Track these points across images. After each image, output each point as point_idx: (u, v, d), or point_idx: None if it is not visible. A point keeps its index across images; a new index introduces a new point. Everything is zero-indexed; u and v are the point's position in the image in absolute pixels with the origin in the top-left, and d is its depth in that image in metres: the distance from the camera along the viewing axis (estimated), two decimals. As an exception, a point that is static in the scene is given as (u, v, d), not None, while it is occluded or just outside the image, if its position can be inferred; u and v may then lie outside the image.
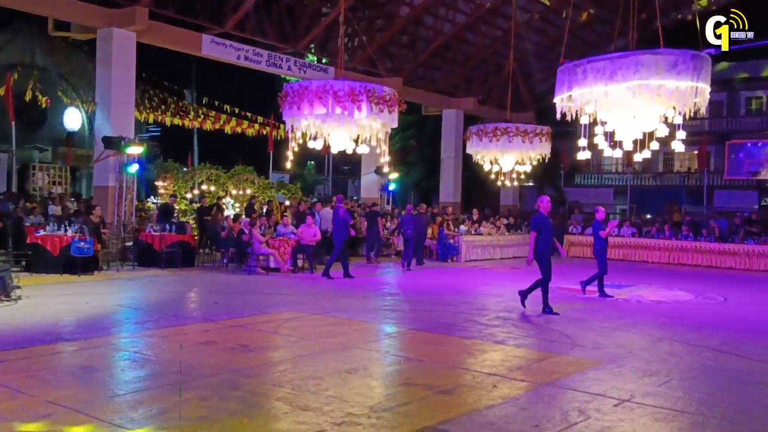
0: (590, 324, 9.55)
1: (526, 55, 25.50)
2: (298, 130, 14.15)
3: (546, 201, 10.59)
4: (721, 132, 34.70)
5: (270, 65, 19.19)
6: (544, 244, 10.21)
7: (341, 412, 5.17)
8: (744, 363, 7.39)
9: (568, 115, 12.39)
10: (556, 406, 5.55)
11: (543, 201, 10.59)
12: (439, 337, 8.45)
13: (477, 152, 19.42)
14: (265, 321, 9.14)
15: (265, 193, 20.68)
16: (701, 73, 11.18)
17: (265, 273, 14.68)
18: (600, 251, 12.25)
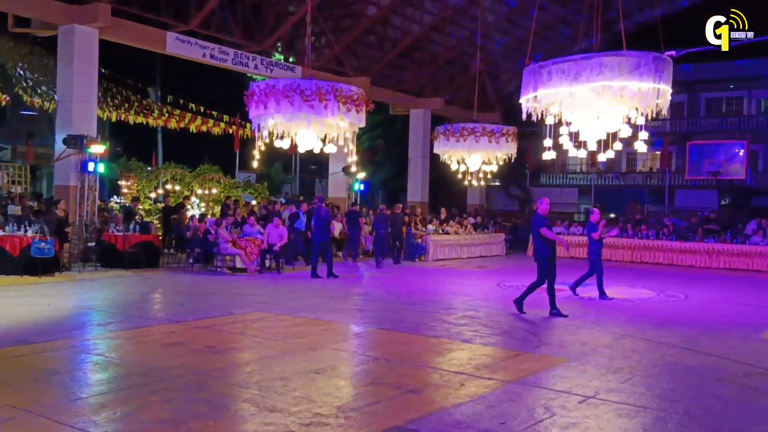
0: (556, 322, 9.66)
1: (492, 55, 25.72)
2: (264, 129, 14.06)
3: (545, 203, 10.48)
4: (682, 133, 35.45)
5: (236, 63, 19.00)
6: (544, 248, 10.05)
7: (309, 412, 5.14)
8: (704, 359, 7.55)
9: (533, 115, 12.52)
10: (523, 403, 5.61)
11: (542, 203, 10.48)
12: (406, 336, 8.47)
13: (444, 152, 19.53)
14: (232, 322, 9.05)
15: (231, 193, 20.50)
16: (663, 74, 11.41)
17: (231, 273, 14.55)
18: (595, 252, 12.26)
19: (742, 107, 36.38)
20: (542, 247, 10.08)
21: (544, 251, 10.04)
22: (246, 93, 13.98)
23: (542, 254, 10.06)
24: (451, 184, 25.32)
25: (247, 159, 19.70)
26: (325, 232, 14.55)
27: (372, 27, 22.66)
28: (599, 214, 12.66)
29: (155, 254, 15.50)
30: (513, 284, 14.24)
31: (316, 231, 14.64)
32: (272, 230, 15.23)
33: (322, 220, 14.50)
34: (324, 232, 14.54)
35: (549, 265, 10.00)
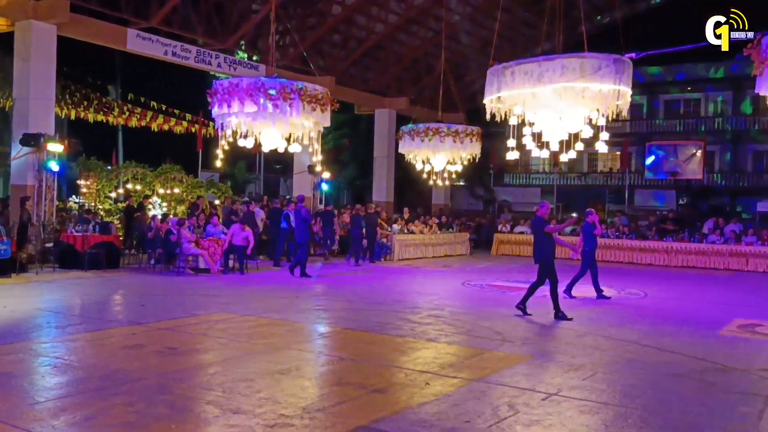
0: (519, 320, 9.77)
1: (456, 56, 25.88)
2: (228, 128, 13.90)
3: (546, 207, 10.45)
4: (641, 134, 36.15)
5: (199, 61, 18.76)
6: (545, 250, 9.98)
7: (273, 413, 5.11)
8: (663, 355, 7.72)
9: (497, 115, 12.61)
10: (487, 401, 5.65)
11: (543, 206, 10.41)
12: (371, 336, 8.47)
13: (409, 152, 19.57)
14: (195, 323, 8.94)
15: (194, 192, 20.23)
16: (623, 76, 11.59)
17: (194, 274, 14.37)
18: (588, 253, 12.28)
19: (699, 109, 37.27)
20: (543, 249, 10.02)
21: (545, 253, 9.99)
22: (209, 91, 13.81)
23: (543, 256, 9.99)
24: (416, 184, 25.42)
25: (211, 158, 19.47)
26: (306, 231, 14.71)
27: (337, 26, 22.62)
28: (594, 215, 12.61)
29: (116, 255, 15.22)
30: (477, 283, 14.36)
31: (298, 231, 14.76)
32: (238, 231, 15.07)
33: (303, 220, 14.64)
34: (305, 232, 14.67)
35: (551, 268, 9.93)
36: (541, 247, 10.08)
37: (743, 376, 6.79)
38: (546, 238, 10.07)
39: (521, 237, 22.84)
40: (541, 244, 10.09)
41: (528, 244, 22.54)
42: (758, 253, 19.00)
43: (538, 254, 10.15)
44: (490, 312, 10.40)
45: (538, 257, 10.12)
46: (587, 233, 12.38)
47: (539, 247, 10.12)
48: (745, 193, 33.71)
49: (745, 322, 10.05)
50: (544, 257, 9.99)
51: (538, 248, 10.15)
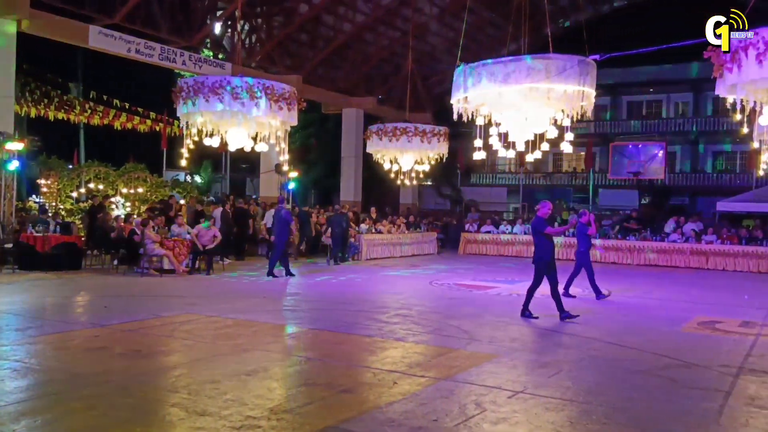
0: (486, 319, 9.84)
1: (424, 56, 25.97)
2: (193, 127, 13.75)
3: (548, 206, 10.18)
4: (605, 134, 36.76)
5: (163, 59, 18.49)
6: (544, 250, 9.81)
7: (240, 415, 5.05)
8: (627, 352, 7.85)
9: (464, 116, 12.70)
10: (455, 400, 5.68)
11: (544, 206, 10.14)
12: (339, 335, 8.44)
13: (377, 151, 19.59)
14: (159, 324, 8.80)
15: (158, 192, 19.96)
16: (587, 78, 11.77)
17: (158, 275, 14.16)
18: (584, 253, 12.30)
19: (660, 110, 38.02)
20: (541, 249, 9.83)
21: (543, 254, 9.80)
22: (174, 89, 13.63)
23: (541, 257, 9.81)
24: (384, 184, 25.45)
25: (175, 157, 19.20)
26: (285, 232, 14.81)
27: (304, 25, 22.51)
28: (588, 215, 12.62)
29: (77, 256, 14.92)
30: (445, 282, 14.43)
31: (277, 231, 14.87)
32: (204, 231, 14.90)
33: (283, 221, 14.76)
34: (284, 232, 14.80)
35: (547, 268, 9.75)
36: (540, 248, 9.86)
37: (704, 373, 6.94)
38: (545, 238, 9.84)
39: (488, 236, 23.02)
40: (540, 245, 9.85)
41: (494, 243, 22.76)
42: (718, 252, 19.45)
43: (536, 255, 9.92)
44: (458, 311, 10.45)
45: (537, 258, 9.90)
46: (581, 234, 12.44)
47: (538, 248, 9.89)
48: (705, 193, 34.49)
49: (706, 319, 10.28)
50: (543, 257, 9.80)
51: (537, 249, 9.91)
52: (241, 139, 13.82)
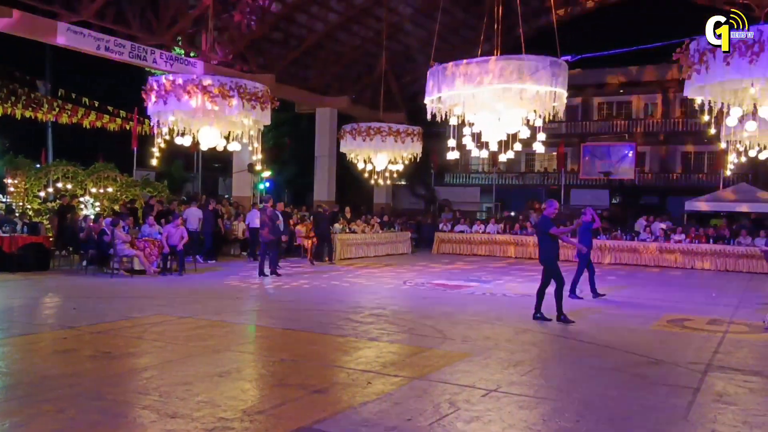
0: (460, 318, 9.88)
1: (397, 56, 25.99)
2: (164, 126, 13.59)
3: (554, 206, 9.98)
4: (576, 135, 37.16)
5: (133, 57, 18.22)
6: (550, 250, 9.65)
7: (213, 417, 5.00)
8: (598, 350, 7.94)
9: (438, 115, 12.75)
10: (428, 399, 5.69)
11: (551, 205, 9.96)
12: (313, 336, 8.41)
13: (351, 151, 19.57)
14: (129, 326, 8.68)
15: (129, 192, 19.68)
16: (559, 78, 11.89)
17: (129, 276, 13.97)
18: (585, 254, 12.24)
19: (630, 111, 38.55)
20: (548, 250, 9.67)
21: (549, 254, 9.65)
22: (144, 87, 13.45)
23: (548, 257, 9.66)
24: (358, 183, 25.44)
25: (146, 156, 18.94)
26: (272, 230, 14.90)
27: (277, 23, 22.39)
28: (591, 213, 12.58)
29: (45, 256, 14.66)
30: (419, 282, 14.45)
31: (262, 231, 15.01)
32: (172, 231, 14.73)
33: (269, 220, 14.90)
34: (271, 231, 14.88)
35: (555, 268, 9.63)
36: (545, 247, 9.71)
37: (673, 369, 7.04)
38: (550, 238, 9.66)
39: (461, 236, 23.12)
40: (545, 245, 9.70)
41: (468, 242, 22.87)
42: (686, 250, 19.78)
43: (542, 255, 9.78)
44: (432, 310, 10.48)
45: (543, 258, 9.74)
46: (583, 233, 12.43)
47: (544, 248, 9.74)
48: (674, 193, 35.04)
49: (675, 317, 10.44)
50: (549, 257, 9.64)
51: (543, 249, 9.76)
52: (213, 138, 13.70)
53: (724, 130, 12.92)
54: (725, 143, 14.40)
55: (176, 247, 14.58)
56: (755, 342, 8.63)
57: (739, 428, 5.11)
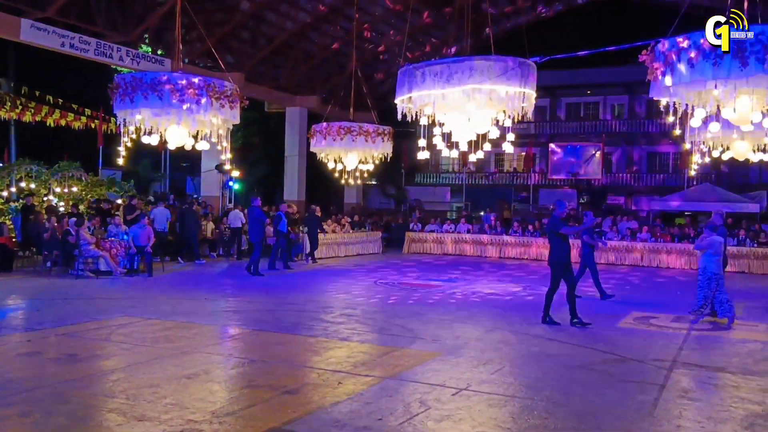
0: (430, 317, 9.91)
1: (367, 56, 25.97)
2: (131, 125, 13.38)
3: (565, 206, 9.82)
4: (544, 135, 37.56)
5: (99, 54, 17.92)
6: (561, 252, 9.40)
7: (181, 419, 4.94)
8: (567, 348, 8.03)
9: (408, 115, 12.77)
10: (399, 398, 5.70)
11: (562, 206, 9.75)
12: (283, 336, 8.36)
13: (321, 150, 19.48)
14: (95, 328, 8.53)
15: (94, 191, 19.34)
16: (528, 79, 12.00)
17: (95, 277, 13.73)
18: (588, 254, 12.24)
19: (597, 112, 39.10)
20: (558, 251, 9.40)
21: (560, 256, 9.39)
22: (110, 85, 13.24)
23: (558, 259, 9.40)
24: (328, 183, 25.36)
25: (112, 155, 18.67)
26: (260, 231, 15.30)
27: (246, 22, 22.21)
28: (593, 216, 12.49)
29: (8, 257, 14.33)
30: (389, 281, 14.47)
31: (252, 230, 15.46)
32: (139, 231, 14.52)
33: (257, 220, 15.24)
34: (259, 231, 15.29)
35: (564, 270, 9.42)
36: (556, 249, 9.43)
37: (640, 366, 7.16)
38: (561, 239, 9.41)
39: (432, 235, 23.19)
40: (556, 246, 9.42)
41: (438, 242, 22.94)
42: (652, 249, 20.11)
43: (552, 257, 9.52)
44: (402, 310, 10.50)
45: (553, 260, 9.49)
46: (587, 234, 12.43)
47: (554, 249, 9.47)
48: (640, 192, 35.65)
49: (641, 314, 10.62)
50: (560, 259, 9.41)
51: (553, 250, 9.49)
52: (181, 137, 13.52)
53: (688, 131, 13.15)
54: (689, 144, 14.66)
55: (144, 248, 14.37)
56: (719, 339, 8.82)
57: (703, 424, 5.22)
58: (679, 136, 13.11)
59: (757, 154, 14.55)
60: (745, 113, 9.78)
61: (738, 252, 18.92)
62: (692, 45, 8.89)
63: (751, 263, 18.45)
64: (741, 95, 9.55)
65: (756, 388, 6.32)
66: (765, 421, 5.32)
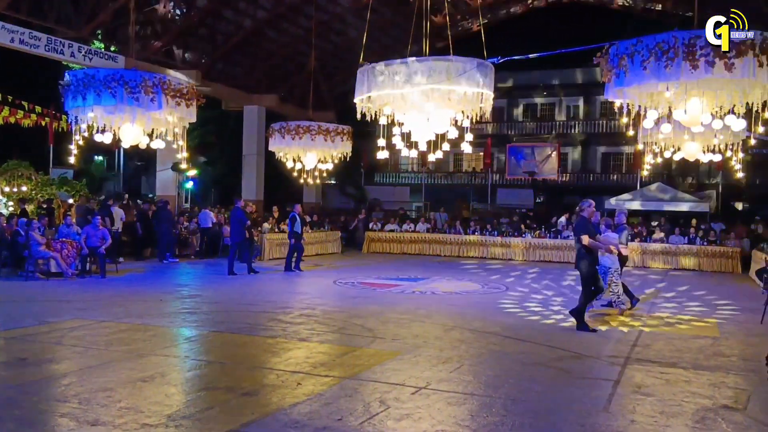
0: (389, 317, 9.92)
1: (327, 54, 25.88)
2: (83, 123, 13.08)
3: (592, 206, 9.47)
4: (502, 135, 38.02)
5: (49, 50, 17.42)
6: (587, 255, 9.13)
7: (136, 423, 4.84)
8: (524, 346, 8.13)
9: (367, 115, 12.77)
10: (359, 398, 5.68)
11: (590, 206, 9.43)
12: (241, 337, 8.26)
13: (279, 149, 19.35)
14: (46, 331, 8.30)
15: (44, 191, 18.82)
16: (486, 80, 12.12)
17: (45, 279, 13.36)
18: None
19: (554, 112, 39.73)
20: (584, 254, 9.12)
21: (587, 259, 9.12)
22: (61, 82, 12.90)
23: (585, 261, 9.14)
24: (287, 183, 25.16)
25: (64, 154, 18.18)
26: (240, 232, 15.34)
27: (203, 19, 21.89)
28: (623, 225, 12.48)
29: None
30: (349, 281, 14.44)
31: (233, 231, 15.56)
32: (92, 232, 14.19)
33: (238, 221, 15.32)
34: (240, 232, 15.33)
35: (593, 274, 9.22)
36: (582, 252, 9.15)
37: (594, 363, 7.29)
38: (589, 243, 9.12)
39: (392, 235, 23.24)
40: (582, 249, 9.14)
41: (397, 242, 23.00)
42: (606, 248, 20.49)
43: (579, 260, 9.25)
44: (362, 309, 10.48)
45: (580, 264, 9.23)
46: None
47: (580, 253, 9.20)
48: (594, 192, 36.31)
49: (596, 311, 10.80)
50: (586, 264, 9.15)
51: (580, 253, 9.22)
52: (135, 135, 13.27)
53: (641, 131, 13.46)
54: (642, 144, 15.01)
55: (96, 249, 14.04)
56: (671, 335, 9.04)
57: (656, 418, 5.33)
58: (633, 137, 13.41)
59: (707, 154, 14.97)
60: (695, 115, 10.07)
61: (689, 250, 19.46)
62: (645, 48, 9.10)
63: (702, 261, 18.99)
64: (691, 97, 9.82)
65: (706, 382, 6.50)
66: (715, 414, 5.47)
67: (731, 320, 10.25)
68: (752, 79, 8.89)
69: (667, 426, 5.15)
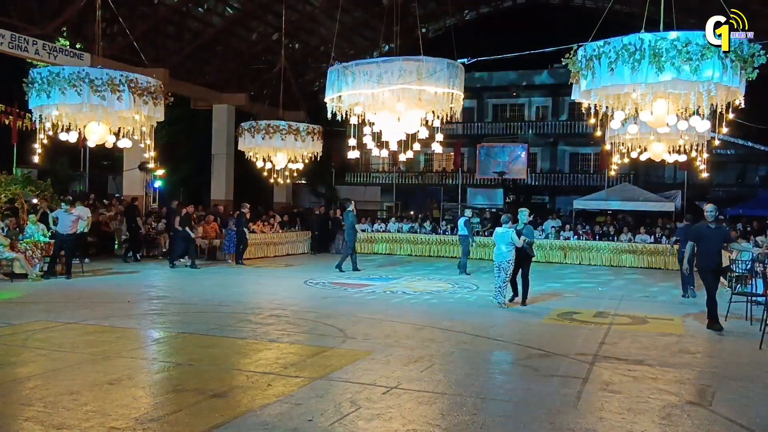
0: (360, 317, 9.91)
1: (297, 54, 25.75)
2: (47, 121, 12.82)
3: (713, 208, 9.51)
4: (472, 136, 38.22)
5: (13, 47, 17.02)
6: (706, 257, 9.27)
7: (102, 427, 4.76)
8: (493, 344, 8.19)
9: (338, 115, 12.74)
10: (330, 398, 5.66)
11: (711, 208, 9.48)
12: (211, 339, 8.18)
13: (249, 149, 19.19)
14: (10, 334, 8.12)
15: (8, 190, 18.37)
16: (456, 80, 12.19)
17: (9, 280, 13.07)
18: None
19: (523, 113, 40.07)
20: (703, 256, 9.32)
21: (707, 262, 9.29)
22: (25, 80, 12.63)
23: (705, 264, 9.30)
24: (257, 182, 24.96)
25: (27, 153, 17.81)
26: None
27: (171, 16, 21.61)
28: None
29: None
30: (319, 281, 14.38)
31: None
32: (64, 216, 13.89)
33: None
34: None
35: (712, 277, 9.28)
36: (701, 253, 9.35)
37: (563, 361, 7.37)
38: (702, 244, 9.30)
39: (363, 235, 23.17)
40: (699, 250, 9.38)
41: (370, 241, 22.96)
42: (575, 247, 20.77)
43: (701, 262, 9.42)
44: (333, 309, 10.46)
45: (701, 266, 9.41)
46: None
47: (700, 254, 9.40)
48: (563, 192, 36.73)
49: (564, 310, 10.94)
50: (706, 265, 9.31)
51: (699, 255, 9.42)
52: (101, 134, 13.05)
53: (608, 132, 13.64)
54: (609, 145, 15.21)
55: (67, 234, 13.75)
56: (638, 333, 9.18)
57: (624, 415, 5.41)
58: (600, 138, 13.58)
59: (673, 155, 15.23)
60: (661, 116, 10.24)
61: (655, 249, 19.79)
62: (612, 49, 9.22)
63: (667, 260, 19.29)
64: (658, 99, 9.98)
65: (672, 379, 6.62)
66: (681, 411, 5.57)
67: (696, 318, 10.45)
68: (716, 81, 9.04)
69: (634, 422, 5.23)
